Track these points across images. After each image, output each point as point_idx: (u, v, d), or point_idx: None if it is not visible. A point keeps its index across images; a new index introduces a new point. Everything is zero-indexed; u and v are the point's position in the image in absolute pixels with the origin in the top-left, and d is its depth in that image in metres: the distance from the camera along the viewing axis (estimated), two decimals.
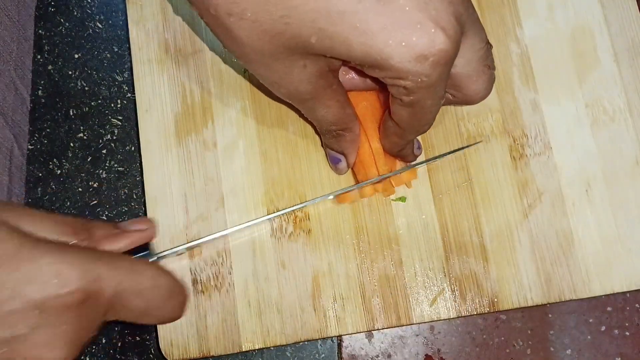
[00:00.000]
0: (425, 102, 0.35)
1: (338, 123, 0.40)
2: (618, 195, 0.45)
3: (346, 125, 0.40)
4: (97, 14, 0.52)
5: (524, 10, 0.48)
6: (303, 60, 0.34)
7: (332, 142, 0.42)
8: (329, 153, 0.44)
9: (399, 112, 0.37)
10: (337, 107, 0.38)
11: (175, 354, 0.43)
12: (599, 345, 0.45)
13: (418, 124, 0.37)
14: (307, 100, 0.37)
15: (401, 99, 0.35)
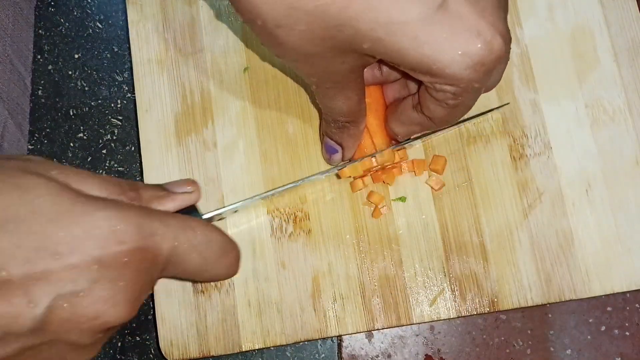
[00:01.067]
0: (468, 102, 0.35)
1: (349, 115, 0.39)
2: (618, 195, 0.45)
3: (355, 118, 0.40)
4: (97, 14, 0.52)
5: (524, 10, 0.48)
6: (344, 57, 0.34)
7: (335, 132, 0.42)
8: (327, 142, 0.43)
9: (436, 110, 0.36)
10: (355, 101, 0.38)
11: (175, 354, 0.43)
12: (599, 345, 0.45)
13: (453, 119, 0.37)
14: (330, 89, 0.37)
15: (446, 102, 0.35)
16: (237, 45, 0.48)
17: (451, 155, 0.46)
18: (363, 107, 0.39)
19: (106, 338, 0.32)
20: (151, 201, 0.36)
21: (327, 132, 0.42)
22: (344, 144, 0.42)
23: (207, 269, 0.34)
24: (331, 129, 0.41)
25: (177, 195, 0.37)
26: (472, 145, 0.46)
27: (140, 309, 0.46)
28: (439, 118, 0.37)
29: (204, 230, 0.34)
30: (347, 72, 0.35)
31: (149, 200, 0.36)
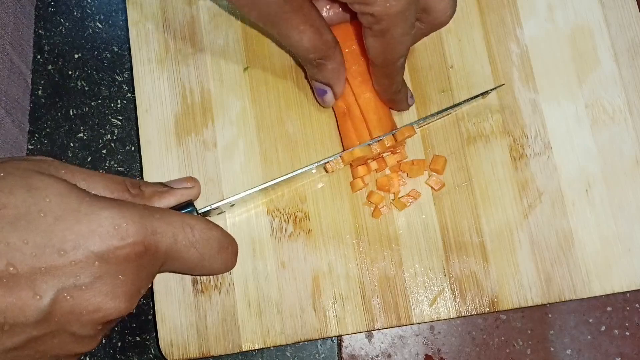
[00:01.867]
0: (395, 30, 0.35)
1: (316, 50, 0.39)
2: (618, 195, 0.45)
3: (325, 52, 0.40)
4: (97, 14, 0.52)
5: (524, 10, 0.48)
6: None
7: (315, 73, 0.42)
8: (315, 85, 0.44)
9: (371, 45, 0.37)
10: (312, 32, 0.38)
11: (175, 354, 0.43)
12: (599, 345, 0.45)
13: (391, 55, 0.38)
14: (278, 24, 0.38)
15: (371, 27, 0.36)
16: (237, 45, 0.48)
17: (451, 155, 0.46)
18: (327, 39, 0.39)
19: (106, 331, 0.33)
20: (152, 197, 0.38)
21: (310, 75, 0.43)
22: (329, 81, 0.42)
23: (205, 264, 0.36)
24: (311, 71, 0.42)
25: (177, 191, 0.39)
26: (472, 145, 0.46)
27: (140, 309, 0.46)
28: (378, 55, 0.38)
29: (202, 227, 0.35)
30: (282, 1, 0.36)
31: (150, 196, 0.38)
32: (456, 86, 0.47)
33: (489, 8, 0.48)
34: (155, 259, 0.33)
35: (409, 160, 0.45)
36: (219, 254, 0.37)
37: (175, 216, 0.34)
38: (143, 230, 0.32)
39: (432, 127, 0.46)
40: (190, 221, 0.35)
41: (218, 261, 0.37)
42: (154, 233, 0.32)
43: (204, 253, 0.35)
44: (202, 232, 0.35)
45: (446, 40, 0.48)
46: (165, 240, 0.33)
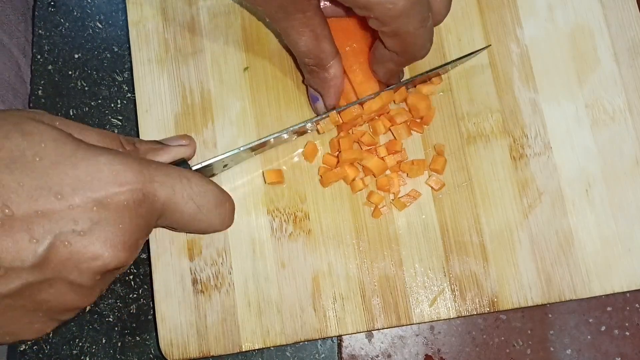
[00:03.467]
0: (406, 28, 0.35)
1: (311, 56, 0.40)
2: (618, 195, 0.45)
3: (320, 61, 0.40)
4: (97, 14, 0.52)
5: (524, 10, 0.48)
6: None
7: (309, 78, 0.42)
8: (309, 90, 0.44)
9: (389, 42, 0.38)
10: (310, 38, 0.39)
11: (175, 354, 0.43)
12: (599, 345, 0.45)
13: (412, 49, 0.38)
14: (280, 21, 0.38)
15: (381, 30, 0.36)
16: (237, 45, 0.48)
17: (451, 155, 0.46)
18: (325, 49, 0.39)
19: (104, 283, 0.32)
20: (147, 153, 0.38)
21: (306, 80, 0.44)
22: (320, 90, 0.43)
23: (201, 217, 0.36)
24: (306, 74, 0.43)
25: (172, 148, 0.39)
26: (472, 145, 0.46)
27: (140, 309, 0.46)
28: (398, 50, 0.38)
29: (199, 180, 0.35)
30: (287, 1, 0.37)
31: (145, 152, 0.38)
32: (456, 86, 0.47)
33: (489, 8, 0.48)
34: (154, 209, 0.32)
35: (409, 161, 0.45)
36: (216, 208, 0.36)
37: (171, 168, 0.34)
38: (142, 177, 0.31)
39: (432, 126, 0.46)
40: (187, 174, 0.35)
41: (215, 216, 0.37)
42: (152, 181, 0.32)
43: (201, 206, 0.35)
44: (199, 186, 0.35)
45: (446, 40, 0.48)
46: (164, 190, 0.33)
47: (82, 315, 0.46)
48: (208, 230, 0.38)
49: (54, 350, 0.46)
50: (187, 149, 0.41)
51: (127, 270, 0.47)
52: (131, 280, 0.47)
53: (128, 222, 0.31)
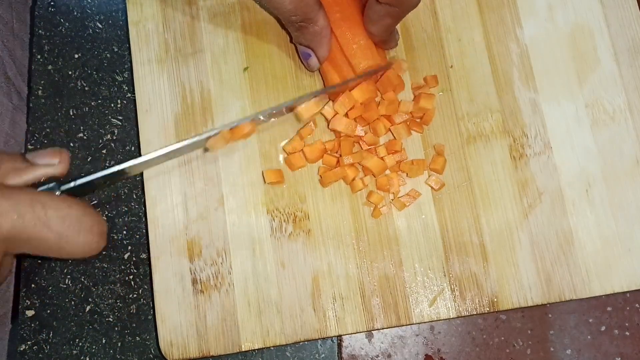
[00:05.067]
0: None
1: (297, 13, 0.40)
2: (618, 195, 0.45)
3: (306, 15, 0.40)
4: (97, 14, 0.52)
5: (524, 10, 0.48)
6: None
7: (298, 36, 0.43)
8: (299, 48, 0.44)
9: None
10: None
11: (175, 354, 0.43)
12: (599, 345, 0.45)
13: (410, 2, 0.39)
14: None
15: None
16: (237, 45, 0.48)
17: (451, 155, 0.46)
18: (309, 3, 0.40)
19: None
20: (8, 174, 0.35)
21: (294, 39, 0.44)
22: (311, 44, 0.43)
23: (64, 245, 0.33)
24: (294, 33, 0.43)
25: (38, 168, 0.36)
26: (472, 145, 0.46)
27: (140, 309, 0.46)
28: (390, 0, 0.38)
29: (58, 206, 0.32)
30: None
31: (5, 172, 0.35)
32: (456, 86, 0.47)
33: (489, 8, 0.48)
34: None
35: (408, 160, 0.45)
36: (81, 234, 0.33)
37: (23, 194, 0.31)
38: None
39: (432, 126, 0.46)
40: (42, 198, 0.32)
41: (79, 242, 0.33)
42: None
43: (60, 233, 0.32)
44: (56, 211, 0.32)
45: (446, 40, 0.48)
46: (8, 219, 0.30)
47: (82, 315, 0.46)
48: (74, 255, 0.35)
49: (54, 350, 0.46)
50: (57, 167, 0.37)
51: (127, 270, 0.47)
52: (131, 280, 0.47)
53: None
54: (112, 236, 0.47)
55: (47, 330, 0.46)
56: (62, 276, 0.47)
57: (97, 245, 0.34)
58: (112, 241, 0.47)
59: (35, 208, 0.31)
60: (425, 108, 0.45)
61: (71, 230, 0.33)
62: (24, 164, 0.36)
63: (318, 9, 0.41)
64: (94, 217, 0.34)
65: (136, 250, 0.47)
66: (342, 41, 0.43)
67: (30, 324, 0.46)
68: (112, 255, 0.47)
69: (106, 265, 0.47)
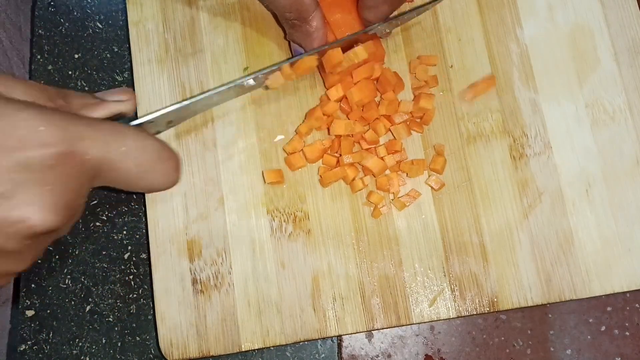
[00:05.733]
0: None
1: (291, 10, 0.40)
2: (618, 195, 0.45)
3: (301, 14, 0.40)
4: (97, 14, 0.52)
5: (524, 10, 0.48)
6: None
7: (292, 33, 0.42)
8: (291, 45, 0.44)
9: None
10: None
11: (175, 354, 0.43)
12: (599, 345, 0.45)
13: None
14: None
15: None
16: (237, 45, 0.48)
17: (451, 155, 0.46)
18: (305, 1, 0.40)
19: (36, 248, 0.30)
20: (80, 109, 0.35)
21: (288, 35, 0.43)
22: (303, 43, 0.43)
23: (143, 176, 0.33)
24: (288, 31, 0.42)
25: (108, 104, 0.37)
26: (472, 145, 0.46)
27: (140, 309, 0.46)
28: None
29: (137, 136, 0.33)
30: None
31: (78, 108, 0.35)
32: (456, 86, 0.47)
33: (489, 8, 0.48)
34: (85, 168, 0.30)
35: (408, 160, 0.45)
36: (158, 164, 0.34)
37: (106, 124, 0.32)
38: (68, 135, 0.29)
39: (432, 126, 0.46)
40: (122, 129, 0.32)
41: (158, 174, 0.34)
42: (81, 139, 0.29)
43: (141, 163, 0.33)
44: (137, 141, 0.32)
45: (446, 40, 0.48)
46: (96, 148, 0.30)
47: (82, 315, 0.46)
48: (152, 188, 0.35)
49: (54, 350, 0.46)
50: (126, 104, 0.38)
51: (127, 270, 0.47)
52: (131, 280, 0.47)
53: (56, 182, 0.28)
54: (112, 236, 0.47)
55: (47, 330, 0.46)
56: (62, 276, 0.47)
57: (174, 177, 0.35)
58: (112, 241, 0.47)
59: (118, 137, 0.32)
60: (425, 108, 0.45)
61: (150, 161, 0.33)
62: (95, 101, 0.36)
63: (314, 9, 0.40)
64: (169, 150, 0.35)
65: (136, 250, 0.47)
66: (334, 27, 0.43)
67: (30, 324, 0.46)
68: (112, 255, 0.47)
69: (106, 265, 0.47)
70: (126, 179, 0.33)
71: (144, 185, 0.34)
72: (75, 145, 0.29)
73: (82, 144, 0.30)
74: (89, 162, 0.30)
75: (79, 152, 0.29)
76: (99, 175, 0.31)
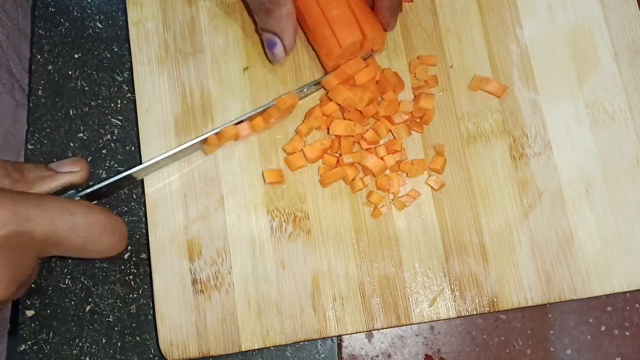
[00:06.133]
0: None
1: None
2: (618, 195, 0.45)
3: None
4: (97, 14, 0.52)
5: (524, 10, 0.48)
6: None
7: (265, 20, 0.43)
8: (264, 37, 0.44)
9: None
10: None
11: (175, 354, 0.43)
12: (599, 345, 0.45)
13: None
14: None
15: None
16: (237, 45, 0.48)
17: (451, 155, 0.46)
18: None
19: None
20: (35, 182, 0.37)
21: (260, 25, 0.44)
22: (278, 30, 0.43)
23: (89, 248, 0.36)
24: (261, 18, 0.43)
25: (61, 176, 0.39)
26: (472, 145, 0.46)
27: (140, 309, 0.46)
28: None
29: (84, 212, 0.35)
30: None
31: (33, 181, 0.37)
32: (456, 86, 0.47)
33: (489, 8, 0.48)
34: (31, 246, 0.32)
35: (408, 160, 0.45)
36: (104, 237, 0.36)
37: (54, 202, 0.34)
38: (15, 217, 0.31)
39: (432, 126, 0.46)
40: (70, 206, 0.34)
41: (104, 244, 0.37)
42: (28, 219, 0.32)
43: (86, 237, 0.35)
44: (83, 217, 0.35)
45: (446, 40, 0.48)
46: (42, 226, 0.32)
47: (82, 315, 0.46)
48: (99, 256, 0.38)
49: (54, 350, 0.46)
50: (77, 174, 0.40)
51: (127, 270, 0.47)
52: (131, 280, 0.47)
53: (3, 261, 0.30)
54: None
55: (47, 330, 0.46)
56: (62, 276, 0.47)
57: (119, 246, 0.38)
58: None
59: (64, 214, 0.34)
60: (425, 108, 0.45)
61: (97, 233, 0.36)
62: (48, 173, 0.39)
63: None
64: (116, 221, 0.38)
65: (136, 250, 0.47)
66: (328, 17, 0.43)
67: (30, 324, 0.46)
68: None
69: (106, 265, 0.47)
70: (72, 251, 0.35)
71: (89, 255, 0.37)
72: (22, 226, 0.31)
73: (29, 224, 0.32)
74: (36, 240, 0.32)
75: (26, 232, 0.32)
76: (46, 249, 0.34)
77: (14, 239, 0.31)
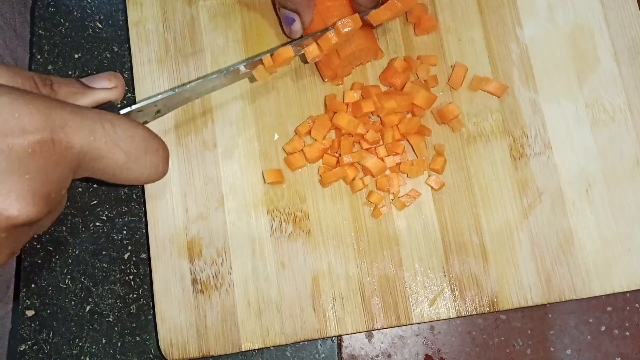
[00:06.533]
0: None
1: None
2: (618, 195, 0.45)
3: None
4: (97, 14, 0.52)
5: (524, 10, 0.48)
6: None
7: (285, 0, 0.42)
8: (283, 13, 0.44)
9: None
10: None
11: (175, 354, 0.43)
12: (599, 345, 0.45)
13: None
14: None
15: None
16: (237, 45, 0.48)
17: (451, 155, 0.46)
18: None
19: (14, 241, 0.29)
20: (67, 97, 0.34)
21: (279, 2, 0.43)
22: (298, 7, 0.42)
23: (130, 167, 0.32)
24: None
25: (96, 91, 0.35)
26: (472, 145, 0.46)
27: (140, 309, 0.46)
28: None
29: (125, 124, 0.32)
30: None
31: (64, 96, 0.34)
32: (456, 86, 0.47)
33: (489, 8, 0.48)
34: (68, 157, 0.29)
35: (408, 161, 0.45)
36: (147, 154, 0.33)
37: (91, 111, 0.30)
38: (49, 122, 0.28)
39: (433, 127, 0.46)
40: (109, 117, 0.31)
41: (147, 164, 0.33)
42: (64, 126, 0.28)
43: (129, 152, 0.31)
44: (125, 130, 0.31)
45: (446, 39, 0.48)
46: (80, 135, 0.29)
47: (82, 315, 0.46)
48: (140, 180, 0.34)
49: (54, 350, 0.46)
50: (113, 91, 0.36)
51: (127, 270, 0.47)
52: (131, 280, 0.47)
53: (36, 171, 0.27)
54: (112, 236, 0.47)
55: (47, 330, 0.46)
56: (62, 276, 0.47)
57: (162, 169, 0.34)
58: (112, 241, 0.47)
59: (105, 125, 0.30)
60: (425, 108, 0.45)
61: (139, 150, 0.32)
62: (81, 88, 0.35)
63: None
64: (159, 140, 0.34)
65: (136, 250, 0.47)
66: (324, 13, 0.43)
67: (30, 324, 0.46)
68: (112, 255, 0.47)
69: (106, 265, 0.47)
70: (112, 169, 0.32)
71: (130, 177, 0.33)
72: (58, 133, 0.28)
73: (65, 131, 0.28)
74: (73, 151, 0.29)
75: (62, 140, 0.28)
76: (83, 165, 0.30)
77: (48, 147, 0.27)
